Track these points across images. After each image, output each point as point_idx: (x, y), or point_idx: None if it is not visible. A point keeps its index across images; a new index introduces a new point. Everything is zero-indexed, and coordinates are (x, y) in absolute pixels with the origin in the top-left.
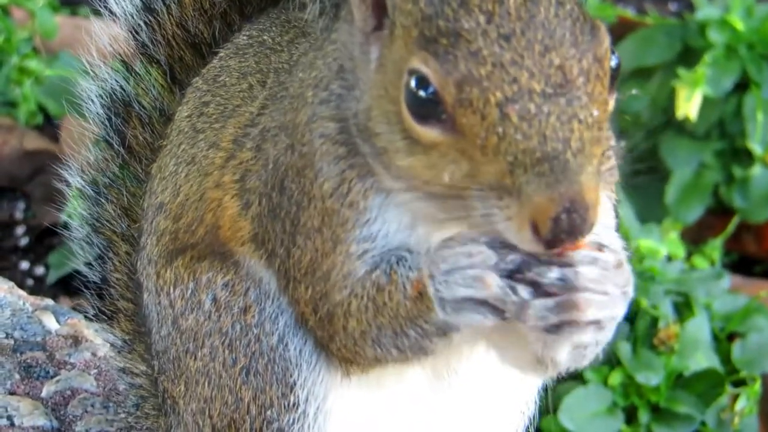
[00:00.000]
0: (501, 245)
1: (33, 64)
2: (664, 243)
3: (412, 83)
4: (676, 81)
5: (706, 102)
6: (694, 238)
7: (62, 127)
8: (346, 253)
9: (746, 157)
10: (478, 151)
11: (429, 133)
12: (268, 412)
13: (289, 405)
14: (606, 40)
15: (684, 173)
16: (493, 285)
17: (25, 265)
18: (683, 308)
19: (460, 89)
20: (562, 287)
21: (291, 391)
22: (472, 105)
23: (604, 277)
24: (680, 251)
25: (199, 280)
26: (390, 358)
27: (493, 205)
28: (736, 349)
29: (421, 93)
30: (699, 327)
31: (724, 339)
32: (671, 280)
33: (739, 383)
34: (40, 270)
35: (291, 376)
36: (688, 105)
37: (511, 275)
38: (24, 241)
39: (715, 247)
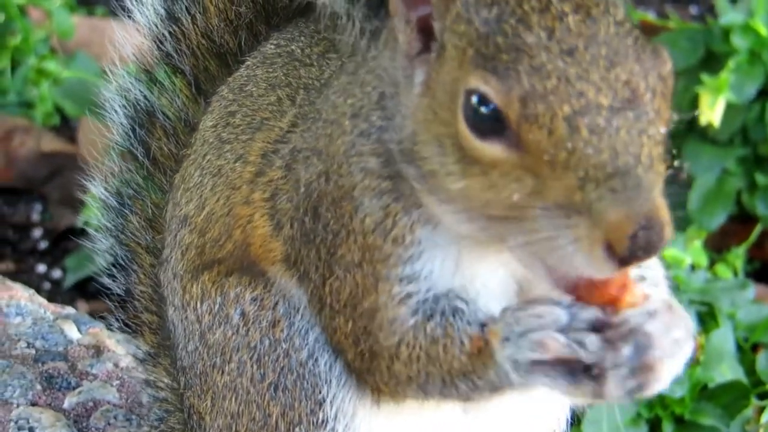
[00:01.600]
0: (573, 304)
1: (50, 65)
2: (687, 252)
3: (473, 100)
4: (699, 87)
5: (730, 108)
6: (716, 245)
7: (80, 128)
8: (389, 294)
9: None
10: (545, 167)
11: (491, 149)
12: (296, 429)
13: (318, 422)
14: (669, 61)
15: (707, 180)
16: (559, 346)
17: (42, 268)
18: (707, 318)
19: (525, 104)
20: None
21: (320, 408)
22: (538, 120)
23: (670, 324)
24: (703, 260)
25: (227, 294)
26: (431, 401)
27: (560, 225)
28: (761, 360)
29: (483, 109)
30: (723, 338)
31: (748, 350)
32: (695, 289)
33: (765, 395)
34: (57, 273)
35: (320, 392)
36: (712, 111)
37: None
38: (42, 245)
39: (738, 255)
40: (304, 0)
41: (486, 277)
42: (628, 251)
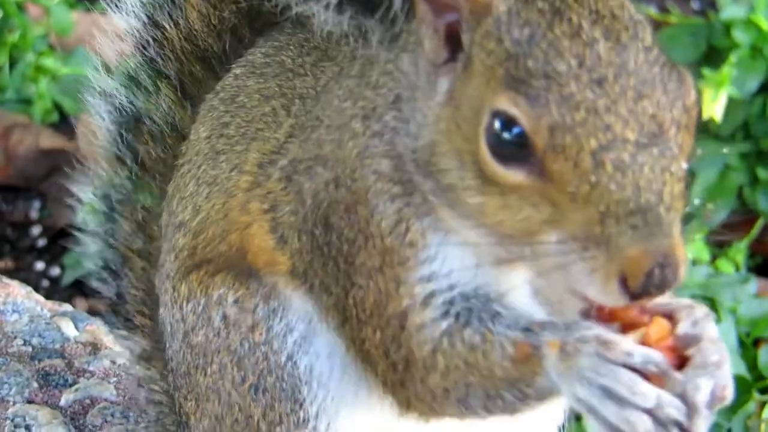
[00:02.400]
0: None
1: (48, 61)
2: (689, 246)
3: (497, 124)
4: (700, 81)
5: (731, 103)
6: (718, 240)
7: (79, 124)
8: (412, 296)
9: None
10: (567, 198)
11: (513, 175)
12: (278, 429)
13: (299, 421)
14: (693, 89)
15: (708, 175)
16: (651, 396)
17: (40, 265)
18: None
19: (553, 134)
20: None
21: (300, 408)
22: (564, 151)
23: (710, 352)
24: (705, 255)
25: (210, 296)
26: (473, 418)
27: (575, 255)
28: (763, 355)
29: (506, 135)
30: (725, 333)
31: (750, 345)
32: (697, 284)
33: (766, 390)
34: (55, 271)
35: (300, 393)
36: (713, 106)
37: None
38: (40, 242)
39: (740, 250)
40: (293, 14)
41: (507, 281)
42: (642, 287)
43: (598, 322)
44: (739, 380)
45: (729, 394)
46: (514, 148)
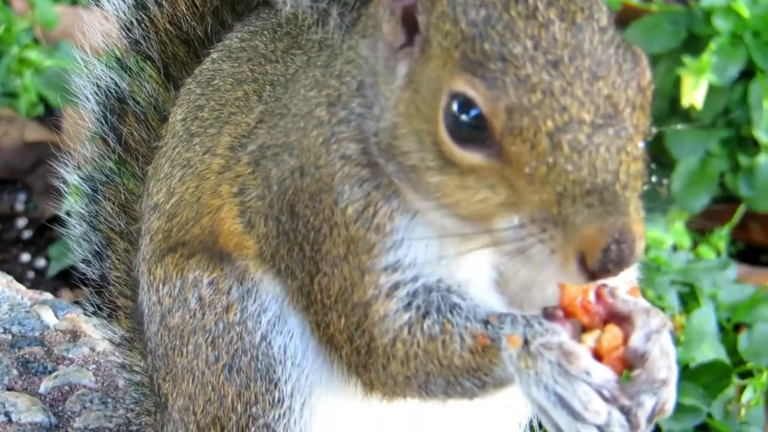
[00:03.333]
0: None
1: (33, 54)
2: (669, 233)
3: (455, 106)
4: (681, 69)
5: (712, 90)
6: (700, 227)
7: (64, 117)
8: (376, 286)
9: (752, 145)
10: (524, 180)
11: (470, 157)
12: (253, 409)
13: (274, 401)
14: (648, 69)
15: (690, 162)
16: (603, 414)
17: (26, 257)
18: (689, 299)
19: (511, 116)
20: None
21: (275, 387)
22: (522, 133)
23: (659, 367)
24: (686, 241)
25: (186, 278)
26: (434, 401)
27: (533, 238)
28: (743, 339)
29: (464, 117)
30: (705, 318)
31: (730, 330)
32: (677, 270)
33: (746, 375)
34: (41, 262)
35: (275, 372)
36: (694, 93)
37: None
38: (26, 234)
39: (722, 236)
40: None
41: (469, 267)
42: (599, 264)
43: (556, 320)
44: (719, 365)
45: (669, 408)
46: (472, 130)
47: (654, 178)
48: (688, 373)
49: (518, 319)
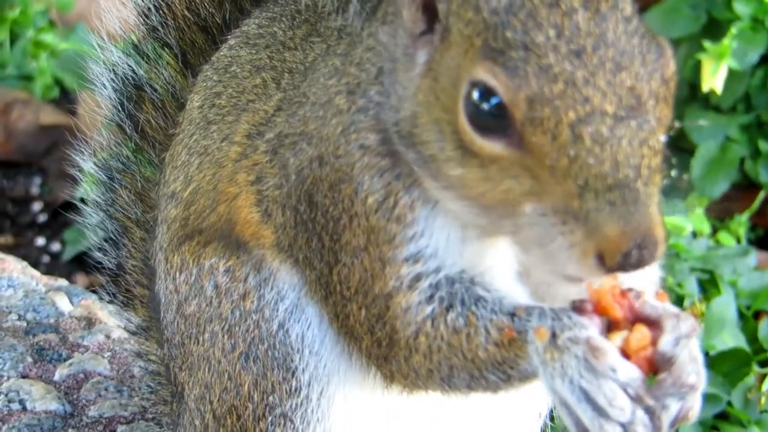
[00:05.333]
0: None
1: (49, 37)
2: (689, 219)
3: (475, 95)
4: (701, 54)
5: (732, 75)
6: (719, 213)
7: (79, 103)
8: (397, 277)
9: None
10: (546, 171)
11: (491, 146)
12: (270, 398)
13: (291, 390)
14: (672, 60)
15: (709, 147)
16: (627, 411)
17: (41, 241)
18: (709, 286)
19: (531, 106)
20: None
21: (293, 376)
22: (543, 124)
23: (687, 372)
24: (706, 227)
25: (202, 266)
26: (455, 394)
27: (554, 228)
28: (763, 327)
29: (485, 105)
30: (725, 305)
31: (750, 317)
32: (697, 257)
33: (766, 363)
34: (56, 246)
35: (292, 361)
36: (714, 78)
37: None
38: (41, 218)
39: (741, 222)
40: None
41: (492, 257)
42: (618, 266)
43: (585, 313)
44: (739, 353)
45: (694, 415)
46: (493, 118)
47: (674, 173)
48: (707, 361)
49: (546, 312)
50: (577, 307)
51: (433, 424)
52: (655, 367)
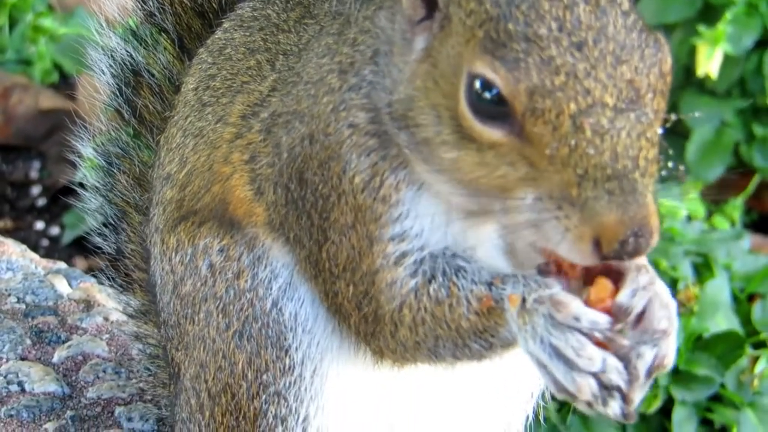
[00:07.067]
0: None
1: (47, 22)
2: (683, 203)
3: (476, 85)
4: (696, 38)
5: (727, 60)
6: (714, 197)
7: (78, 88)
8: (384, 254)
9: (767, 115)
10: (545, 160)
11: (491, 133)
12: (264, 376)
13: (284, 368)
14: (669, 55)
15: (704, 131)
16: (597, 360)
17: (40, 225)
18: (703, 269)
19: (532, 98)
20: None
21: (286, 354)
22: (544, 115)
23: (659, 318)
24: (700, 211)
25: (197, 246)
26: (444, 365)
27: (549, 213)
28: (757, 310)
29: (486, 95)
30: (719, 288)
31: (744, 300)
32: (691, 240)
33: (760, 345)
34: (55, 230)
35: (286, 339)
36: (709, 63)
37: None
38: (40, 202)
39: (736, 206)
40: None
41: (476, 236)
42: (614, 253)
43: (550, 274)
44: (732, 335)
45: (669, 362)
46: (494, 106)
47: (670, 164)
48: (701, 344)
49: (519, 279)
50: (541, 270)
51: (426, 400)
52: (615, 319)
